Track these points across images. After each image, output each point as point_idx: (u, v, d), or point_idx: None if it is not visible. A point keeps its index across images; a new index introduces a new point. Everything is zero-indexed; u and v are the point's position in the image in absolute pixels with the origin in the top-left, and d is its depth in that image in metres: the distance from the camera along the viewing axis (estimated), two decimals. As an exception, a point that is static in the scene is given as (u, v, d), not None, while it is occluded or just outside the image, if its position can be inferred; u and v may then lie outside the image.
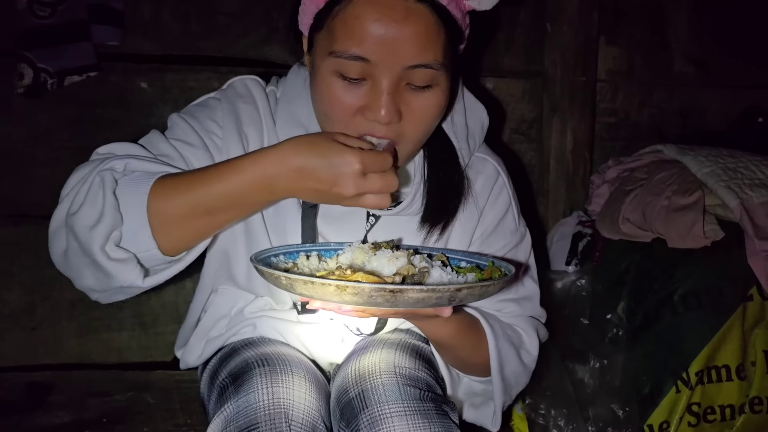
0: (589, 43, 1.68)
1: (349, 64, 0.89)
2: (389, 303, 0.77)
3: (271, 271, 0.81)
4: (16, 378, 1.50)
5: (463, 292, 0.79)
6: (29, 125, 1.49)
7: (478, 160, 1.13)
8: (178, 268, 0.91)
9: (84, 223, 0.84)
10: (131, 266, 0.86)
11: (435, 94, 0.93)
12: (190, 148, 0.99)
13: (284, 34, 1.56)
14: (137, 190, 0.85)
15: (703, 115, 1.81)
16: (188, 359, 1.17)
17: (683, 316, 1.36)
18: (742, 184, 1.42)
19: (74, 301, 1.57)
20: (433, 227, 1.07)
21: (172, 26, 1.53)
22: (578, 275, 1.54)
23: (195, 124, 1.02)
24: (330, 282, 0.76)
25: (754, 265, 1.34)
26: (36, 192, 1.51)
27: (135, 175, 0.88)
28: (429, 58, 0.89)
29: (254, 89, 1.07)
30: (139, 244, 0.85)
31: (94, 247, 0.83)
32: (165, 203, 0.84)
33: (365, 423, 0.93)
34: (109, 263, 0.84)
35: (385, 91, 0.89)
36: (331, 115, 0.93)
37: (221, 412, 0.94)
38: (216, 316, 1.14)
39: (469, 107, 1.13)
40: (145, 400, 1.43)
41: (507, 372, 1.08)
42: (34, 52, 1.43)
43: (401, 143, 0.94)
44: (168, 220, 0.84)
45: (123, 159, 0.90)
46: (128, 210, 0.85)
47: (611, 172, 1.67)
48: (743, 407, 1.34)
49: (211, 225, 0.87)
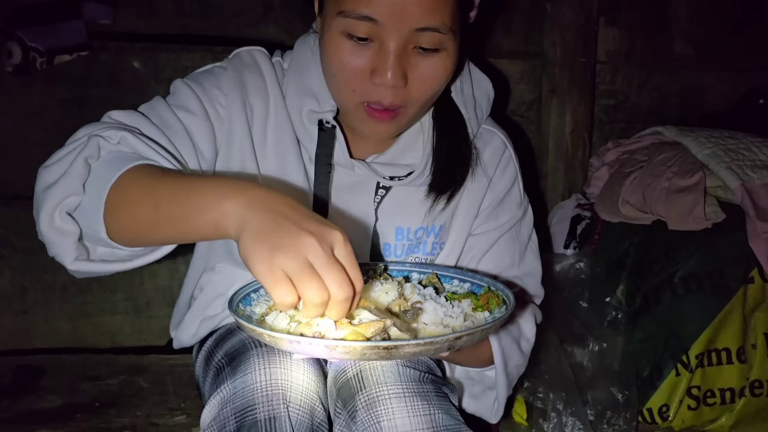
0: (589, 24, 1.66)
1: (357, 24, 0.89)
2: (383, 358, 0.74)
3: (253, 327, 0.75)
4: (7, 362, 1.48)
5: (463, 340, 0.75)
6: (20, 105, 1.46)
7: (486, 131, 1.14)
8: (120, 267, 0.88)
9: (46, 179, 0.85)
10: (67, 242, 0.84)
11: (442, 59, 0.93)
12: (192, 117, 0.98)
13: (280, 13, 1.54)
14: (111, 168, 0.83)
15: (704, 98, 1.80)
16: (182, 337, 1.15)
17: (683, 298, 1.35)
18: (744, 166, 1.41)
19: (66, 285, 1.55)
20: (440, 196, 1.07)
21: (166, 5, 1.50)
22: (577, 258, 1.53)
23: (199, 92, 1.01)
24: (318, 342, 0.72)
25: (755, 247, 1.33)
26: (27, 173, 1.45)
27: (120, 155, 0.86)
28: (437, 21, 0.89)
29: (261, 60, 1.06)
30: (90, 219, 0.83)
31: (43, 206, 0.83)
32: (124, 192, 0.81)
33: (362, 404, 0.91)
34: (47, 230, 0.83)
35: (392, 53, 0.89)
36: (338, 76, 0.94)
37: (217, 393, 0.92)
38: (212, 294, 1.12)
39: (475, 79, 1.13)
40: (138, 384, 1.42)
41: (510, 367, 1.09)
42: (24, 31, 1.41)
43: (405, 108, 0.95)
44: (120, 209, 0.81)
45: (122, 131, 0.88)
46: (92, 185, 0.83)
47: (611, 154, 1.66)
48: (743, 390, 1.34)
49: (153, 233, 0.82)
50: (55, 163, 0.86)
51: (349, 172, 1.05)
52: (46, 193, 0.84)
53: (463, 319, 0.85)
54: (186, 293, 1.17)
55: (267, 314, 0.85)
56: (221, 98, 1.01)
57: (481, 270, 1.12)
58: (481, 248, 1.14)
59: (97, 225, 0.82)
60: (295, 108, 1.04)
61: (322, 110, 1.02)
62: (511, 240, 1.15)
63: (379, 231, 1.09)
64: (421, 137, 1.08)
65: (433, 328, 0.82)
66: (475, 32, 1.06)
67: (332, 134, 1.02)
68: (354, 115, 0.98)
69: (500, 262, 1.14)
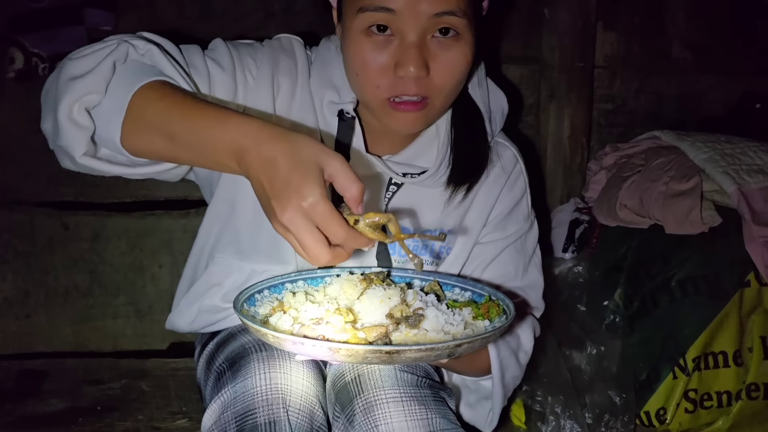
0: (587, 28, 1.67)
1: (376, 16, 0.93)
2: (385, 362, 0.76)
3: (258, 327, 0.77)
4: (10, 366, 1.49)
5: (463, 347, 0.77)
6: (22, 111, 1.47)
7: (499, 144, 1.16)
8: (125, 171, 0.91)
9: (71, 71, 0.86)
10: (81, 135, 0.86)
11: (461, 47, 0.97)
12: (220, 71, 1.01)
13: (281, 18, 1.55)
14: (135, 77, 0.86)
15: (701, 102, 1.80)
16: (176, 321, 1.16)
17: (680, 302, 1.36)
18: (740, 170, 1.41)
19: (69, 289, 1.56)
20: (458, 187, 1.09)
21: (167, 10, 1.51)
22: (575, 262, 1.54)
23: (235, 54, 1.04)
24: (322, 344, 0.74)
25: (751, 250, 1.33)
26: (30, 178, 1.50)
27: (144, 65, 0.89)
28: (452, 4, 0.93)
29: (297, 47, 1.10)
30: (107, 123, 0.85)
31: (64, 96, 0.85)
32: (146, 104, 0.83)
33: (360, 408, 0.92)
34: (64, 120, 0.85)
35: (412, 44, 0.93)
36: (362, 74, 0.97)
37: (218, 398, 0.93)
38: (209, 283, 1.12)
39: (491, 91, 1.16)
40: (140, 387, 1.43)
41: (507, 378, 1.11)
42: (26, 37, 1.42)
43: (431, 98, 0.98)
44: (140, 120, 0.83)
45: (150, 44, 0.91)
46: (116, 89, 0.86)
47: (608, 158, 1.67)
48: (740, 393, 1.34)
49: (171, 151, 0.84)
50: (83, 57, 0.88)
51: (363, 166, 1.07)
52: (69, 84, 0.85)
53: (464, 327, 0.86)
54: (185, 281, 1.19)
55: (271, 315, 0.86)
56: (253, 68, 1.04)
57: (485, 279, 1.14)
58: (487, 257, 1.15)
59: (114, 130, 0.84)
60: (317, 98, 1.07)
61: (342, 101, 1.05)
62: (516, 251, 1.16)
63: None
64: (436, 141, 1.10)
65: (434, 335, 0.84)
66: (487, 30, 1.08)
67: (351, 125, 1.05)
68: (381, 111, 1.00)
69: (504, 272, 1.15)
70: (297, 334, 0.79)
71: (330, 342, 0.75)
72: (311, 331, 0.80)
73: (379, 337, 0.80)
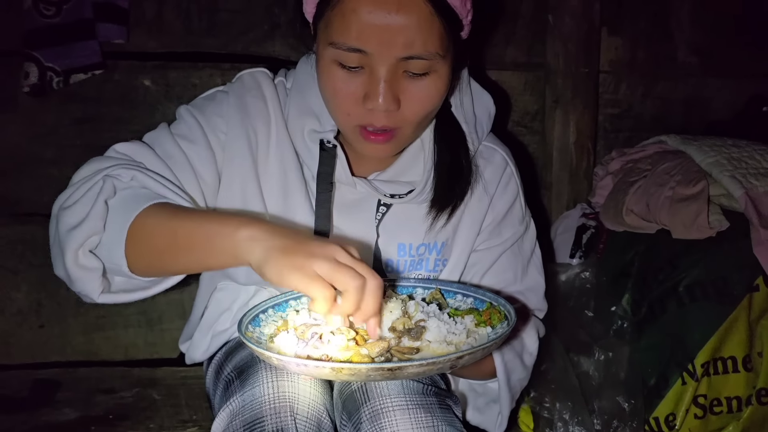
0: (592, 33, 1.67)
1: (347, 55, 0.91)
2: (388, 379, 0.77)
3: (262, 351, 0.78)
4: (24, 375, 1.51)
5: (465, 359, 0.78)
6: (35, 124, 1.50)
7: (487, 149, 1.15)
8: (141, 296, 0.95)
9: (68, 221, 0.90)
10: (92, 277, 0.90)
11: (433, 81, 0.95)
12: (193, 146, 1.02)
13: (286, 30, 1.56)
14: (129, 208, 0.88)
15: (708, 106, 1.79)
16: (194, 355, 1.18)
17: (688, 307, 1.35)
18: (747, 174, 1.41)
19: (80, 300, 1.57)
20: (441, 212, 1.08)
21: (175, 23, 1.53)
22: (582, 268, 1.53)
23: (201, 120, 1.04)
24: (325, 365, 0.75)
25: (759, 255, 1.33)
26: (43, 191, 1.52)
27: (134, 193, 0.91)
28: (420, 49, 0.91)
29: (263, 82, 1.09)
30: (111, 256, 0.89)
31: (67, 247, 0.88)
32: (143, 228, 0.87)
33: (367, 416, 0.92)
34: (74, 268, 0.89)
35: (381, 79, 0.91)
36: (333, 102, 0.97)
37: (227, 406, 0.94)
38: (219, 310, 1.15)
39: (475, 94, 1.14)
40: (151, 396, 1.44)
41: (513, 381, 1.11)
42: (41, 52, 1.44)
43: (401, 128, 0.97)
44: (139, 244, 0.87)
45: (132, 170, 0.93)
46: (112, 223, 0.89)
47: (615, 163, 1.66)
48: (750, 399, 1.33)
49: (173, 263, 0.89)
50: (76, 203, 0.91)
51: (351, 190, 1.07)
52: (70, 235, 0.89)
53: (466, 335, 0.87)
54: (197, 313, 1.21)
55: (276, 335, 0.87)
56: (222, 126, 1.05)
57: (484, 286, 1.14)
58: (484, 264, 1.15)
59: (119, 260, 0.87)
60: (297, 128, 1.06)
61: (323, 130, 1.04)
62: (513, 256, 1.16)
63: (381, 248, 1.10)
64: (422, 155, 1.09)
65: (437, 346, 0.84)
66: (472, 46, 1.07)
67: (333, 153, 1.04)
68: (352, 137, 1.00)
69: (503, 278, 1.15)
70: (300, 355, 0.80)
71: (333, 363, 0.76)
72: (315, 351, 0.81)
73: (381, 353, 0.81)
